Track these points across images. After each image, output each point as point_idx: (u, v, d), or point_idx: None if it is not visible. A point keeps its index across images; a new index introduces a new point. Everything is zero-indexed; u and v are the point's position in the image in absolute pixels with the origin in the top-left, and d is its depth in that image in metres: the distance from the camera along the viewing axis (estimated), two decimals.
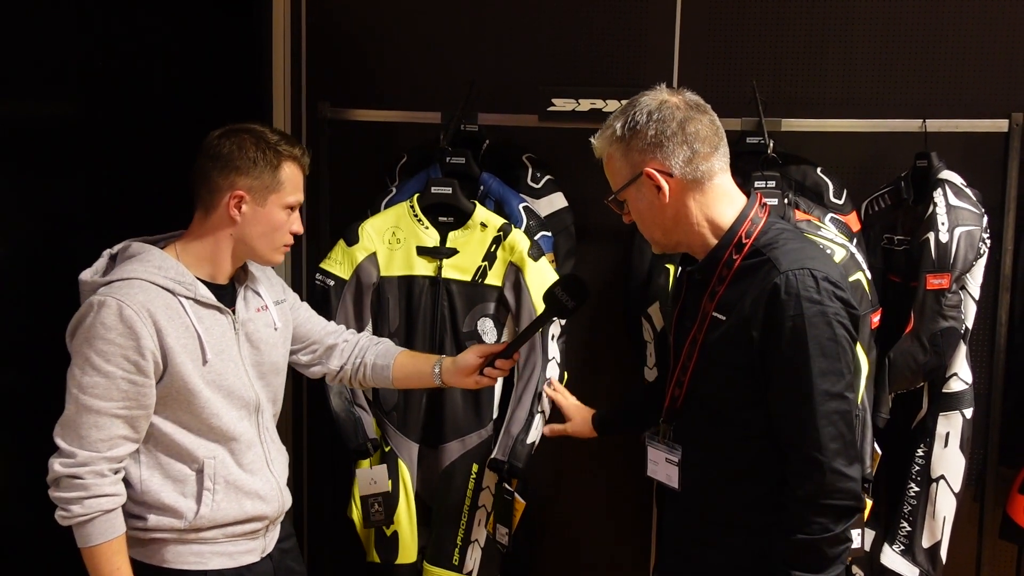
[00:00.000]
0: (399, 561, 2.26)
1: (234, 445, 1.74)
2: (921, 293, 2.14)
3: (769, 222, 1.60)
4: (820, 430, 1.46)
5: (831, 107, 2.36)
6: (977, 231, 2.14)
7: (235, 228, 1.72)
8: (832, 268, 1.53)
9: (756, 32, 2.40)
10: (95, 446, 1.59)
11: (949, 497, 2.23)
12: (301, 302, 2.03)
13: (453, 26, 2.52)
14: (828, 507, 1.46)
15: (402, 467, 2.25)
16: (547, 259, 2.21)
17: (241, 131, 1.73)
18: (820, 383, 1.46)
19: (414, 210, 2.22)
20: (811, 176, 2.28)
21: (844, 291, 1.50)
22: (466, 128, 2.33)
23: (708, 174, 1.58)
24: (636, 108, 1.58)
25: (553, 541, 2.66)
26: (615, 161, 1.62)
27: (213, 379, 1.69)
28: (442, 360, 2.00)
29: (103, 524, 1.60)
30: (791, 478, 1.50)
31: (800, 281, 1.47)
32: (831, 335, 1.47)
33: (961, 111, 2.29)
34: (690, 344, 1.63)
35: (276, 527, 1.86)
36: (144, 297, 1.61)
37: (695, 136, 1.56)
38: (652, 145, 1.56)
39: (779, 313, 1.48)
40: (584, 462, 2.61)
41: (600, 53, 2.47)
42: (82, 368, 1.59)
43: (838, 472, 1.46)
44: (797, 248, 1.55)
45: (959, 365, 2.20)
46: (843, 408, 1.48)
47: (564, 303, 1.85)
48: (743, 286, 1.54)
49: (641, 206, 1.61)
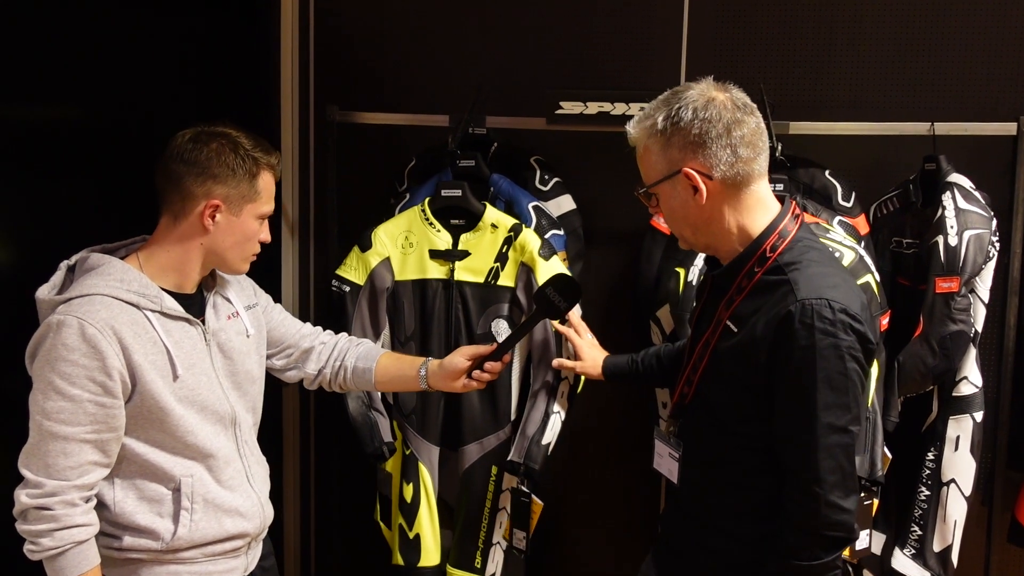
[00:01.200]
0: (422, 564, 2.26)
1: (211, 462, 1.66)
2: (930, 296, 2.14)
3: (798, 237, 1.55)
4: (820, 462, 1.44)
5: (839, 110, 2.36)
6: (986, 234, 2.14)
7: (206, 237, 1.64)
8: (852, 299, 1.48)
9: (764, 35, 2.40)
10: (64, 474, 1.50)
11: (960, 501, 2.22)
12: (274, 304, 1.95)
13: (460, 29, 2.53)
14: (822, 538, 1.46)
15: (423, 470, 2.25)
16: (559, 258, 2.21)
17: (215, 136, 1.65)
18: (824, 416, 1.44)
19: (425, 214, 2.22)
20: (819, 179, 2.28)
21: (862, 324, 1.46)
22: (474, 131, 2.33)
23: (747, 180, 1.52)
24: (682, 102, 1.51)
25: (568, 543, 2.65)
26: (652, 154, 1.56)
27: (185, 395, 1.61)
28: (428, 363, 1.94)
29: (76, 557, 1.51)
30: (788, 504, 1.49)
31: (816, 312, 1.43)
32: (841, 369, 1.44)
33: (970, 114, 2.29)
34: (702, 347, 1.62)
35: (258, 545, 1.80)
36: (107, 314, 1.52)
37: (740, 140, 1.50)
38: (695, 144, 1.50)
39: (791, 341, 1.45)
40: (594, 465, 2.61)
41: (608, 56, 2.47)
42: (45, 393, 1.50)
43: (834, 505, 1.45)
44: (819, 273, 1.49)
45: (969, 368, 2.20)
46: (845, 442, 1.46)
47: (556, 303, 1.83)
48: (759, 302, 1.52)
49: (674, 204, 1.56)
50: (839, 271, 1.57)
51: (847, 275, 1.60)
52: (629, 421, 2.54)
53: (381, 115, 2.49)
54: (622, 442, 2.59)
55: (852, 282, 1.57)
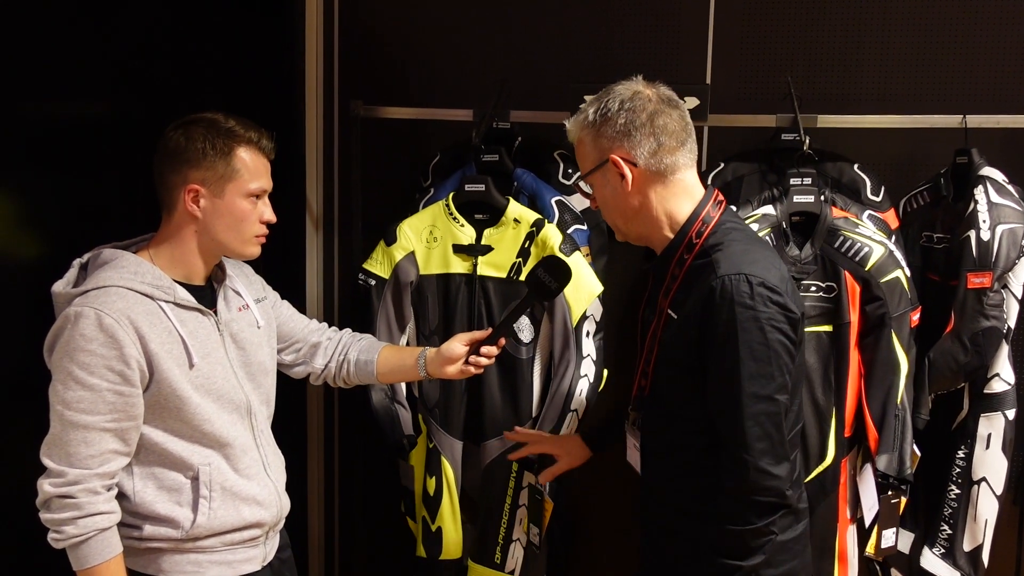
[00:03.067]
0: (443, 557, 2.28)
1: (229, 451, 1.68)
2: (962, 292, 2.10)
3: (720, 220, 1.63)
4: (747, 430, 1.51)
5: (868, 103, 2.33)
6: (1020, 228, 2.10)
7: (198, 224, 1.65)
8: (771, 272, 1.55)
9: (791, 26, 2.37)
10: (85, 463, 1.52)
11: (991, 500, 2.19)
12: (282, 300, 1.96)
13: (484, 24, 2.52)
14: (753, 503, 1.53)
15: (445, 464, 2.26)
16: (582, 252, 2.20)
17: (192, 122, 1.65)
18: (748, 386, 1.51)
19: (449, 208, 2.22)
20: (848, 173, 2.26)
21: (781, 296, 1.53)
22: (498, 125, 2.33)
23: (672, 168, 1.62)
24: (610, 96, 1.63)
25: (586, 543, 2.65)
26: (585, 146, 1.67)
27: (201, 383, 1.63)
28: (426, 351, 1.94)
29: (99, 544, 1.53)
30: (722, 473, 1.56)
31: (734, 286, 1.51)
32: (762, 340, 1.51)
33: (1002, 106, 2.25)
34: (651, 338, 1.70)
35: (275, 535, 1.81)
36: (123, 304, 1.55)
37: (663, 129, 1.60)
38: (620, 134, 1.61)
39: (713, 317, 1.53)
40: (614, 462, 2.60)
41: (632, 49, 2.45)
42: (64, 383, 1.52)
43: (763, 471, 1.51)
44: (740, 251, 1.57)
45: (1001, 365, 2.16)
46: (771, 410, 1.52)
47: (547, 284, 1.85)
48: (691, 286, 1.59)
49: (605, 192, 1.66)
50: (760, 248, 1.64)
51: (769, 250, 1.68)
52: None
53: (405, 110, 2.49)
54: None
55: (773, 256, 1.64)
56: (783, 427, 1.55)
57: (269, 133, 1.71)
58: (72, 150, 2.03)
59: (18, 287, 1.89)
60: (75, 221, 2.03)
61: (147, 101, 2.20)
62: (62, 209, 2.01)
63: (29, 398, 1.66)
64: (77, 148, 2.05)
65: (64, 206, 2.01)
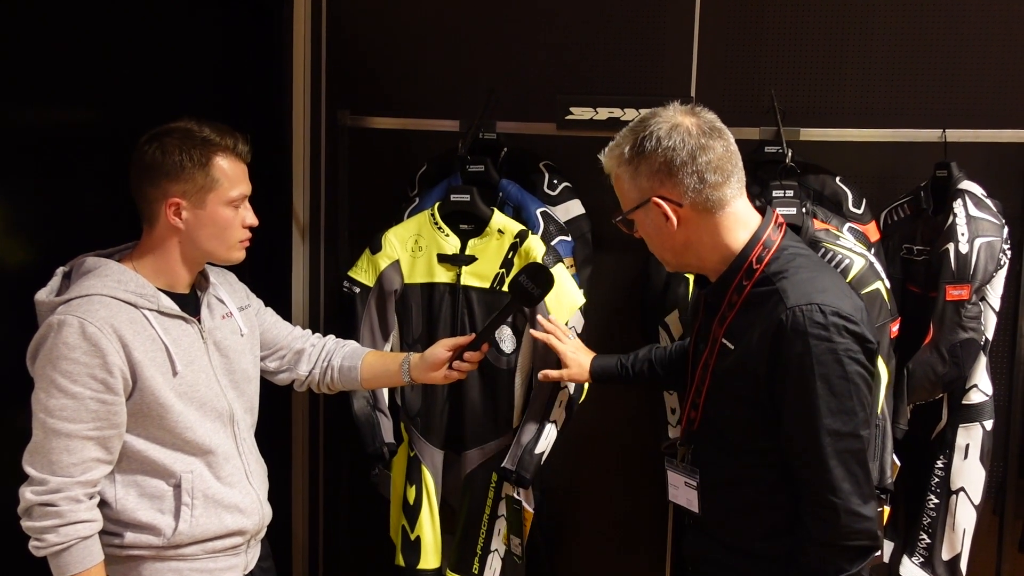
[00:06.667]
0: (421, 566, 2.28)
1: (211, 458, 1.68)
2: (940, 304, 2.13)
3: (783, 245, 1.53)
4: (832, 471, 1.41)
5: (850, 116, 2.36)
6: (997, 242, 2.13)
7: (182, 235, 1.65)
8: (844, 301, 1.45)
9: (774, 41, 2.40)
10: (67, 471, 1.52)
11: (969, 509, 2.21)
12: (266, 308, 1.96)
13: (471, 35, 2.54)
14: (845, 548, 1.43)
15: (425, 473, 2.27)
16: (565, 264, 2.21)
17: (165, 133, 1.64)
18: (830, 423, 1.41)
19: (435, 218, 2.24)
20: (830, 185, 2.28)
21: (857, 324, 1.43)
22: (484, 136, 2.34)
23: (720, 203, 1.51)
24: (646, 131, 1.50)
25: (571, 554, 2.65)
26: (623, 183, 1.56)
27: (185, 391, 1.64)
28: (410, 356, 1.95)
29: (80, 552, 1.53)
30: (806, 519, 1.46)
31: (807, 317, 1.41)
32: (840, 372, 1.40)
33: (982, 121, 2.28)
34: (702, 368, 1.59)
35: (257, 544, 1.81)
36: (106, 312, 1.55)
37: (707, 166, 1.48)
38: (661, 173, 1.49)
39: (786, 351, 1.42)
40: (601, 474, 2.61)
41: (618, 62, 2.47)
42: (47, 391, 1.52)
43: (853, 513, 1.41)
44: (808, 279, 1.47)
45: (979, 376, 2.19)
46: (855, 447, 1.42)
47: (529, 290, 1.86)
48: (752, 316, 1.49)
49: (650, 230, 1.56)
50: (828, 274, 1.55)
51: (837, 277, 1.58)
52: (636, 430, 2.54)
53: (392, 120, 2.50)
54: (629, 452, 2.58)
55: (843, 284, 1.55)
56: (868, 464, 1.44)
57: (244, 136, 1.70)
58: (56, 158, 2.03)
59: (0, 295, 1.88)
60: (58, 229, 2.02)
61: (132, 109, 2.20)
62: (45, 217, 2.00)
63: (12, 406, 1.66)
64: (61, 156, 2.04)
65: (47, 214, 2.01)
